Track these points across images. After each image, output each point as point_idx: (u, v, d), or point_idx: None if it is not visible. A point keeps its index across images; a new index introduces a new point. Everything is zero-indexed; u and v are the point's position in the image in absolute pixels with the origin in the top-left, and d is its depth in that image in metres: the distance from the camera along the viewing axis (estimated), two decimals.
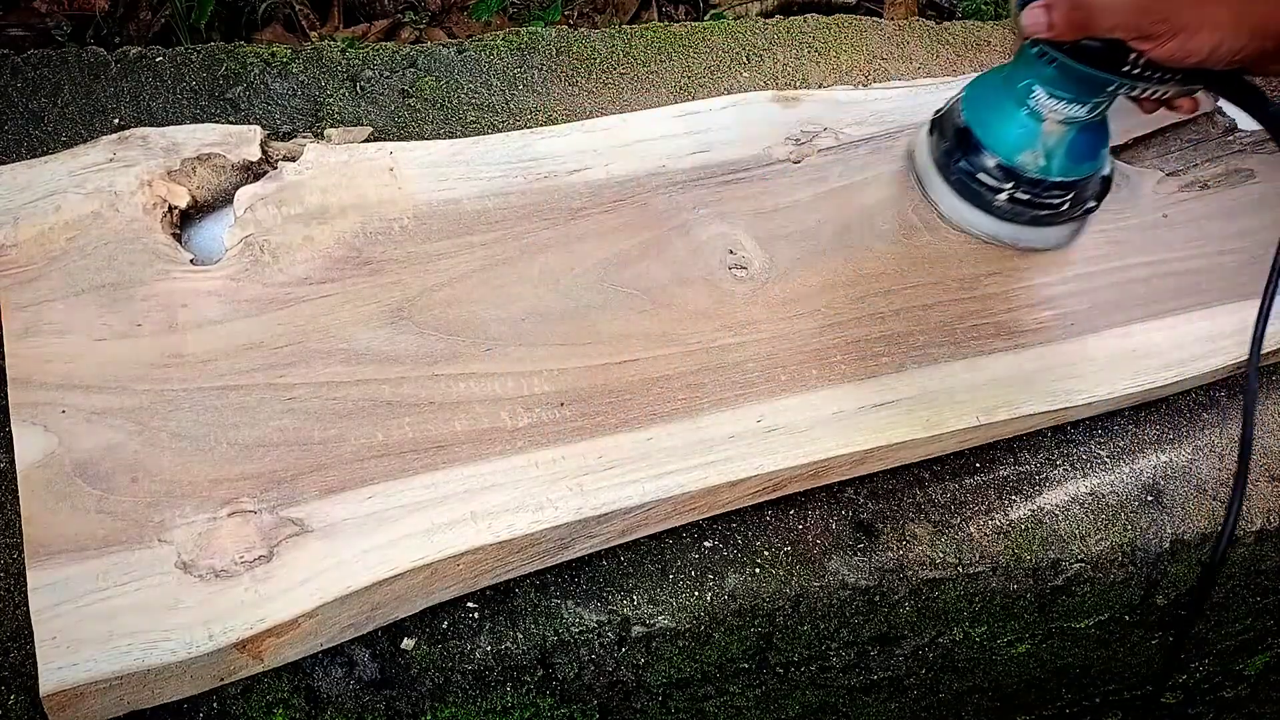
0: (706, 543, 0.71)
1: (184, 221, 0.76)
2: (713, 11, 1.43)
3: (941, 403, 0.73)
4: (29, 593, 0.58)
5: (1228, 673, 0.96)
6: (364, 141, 0.83)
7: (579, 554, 0.68)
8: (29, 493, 0.62)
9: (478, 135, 0.84)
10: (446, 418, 0.68)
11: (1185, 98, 0.76)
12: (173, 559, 0.60)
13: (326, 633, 0.62)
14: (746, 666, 0.75)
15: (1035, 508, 0.77)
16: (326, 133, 0.84)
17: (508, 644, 0.67)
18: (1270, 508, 0.80)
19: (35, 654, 0.57)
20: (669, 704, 0.76)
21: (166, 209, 0.74)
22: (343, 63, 0.92)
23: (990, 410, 0.74)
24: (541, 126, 0.86)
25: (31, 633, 0.57)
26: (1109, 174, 0.83)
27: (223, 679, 0.61)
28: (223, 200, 0.77)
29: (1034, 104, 0.78)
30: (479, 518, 0.64)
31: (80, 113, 0.85)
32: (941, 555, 0.74)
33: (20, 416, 0.64)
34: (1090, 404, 0.77)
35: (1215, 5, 0.68)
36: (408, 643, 0.65)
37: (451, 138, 0.87)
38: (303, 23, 1.35)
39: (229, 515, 0.62)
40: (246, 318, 0.70)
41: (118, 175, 0.74)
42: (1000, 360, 0.76)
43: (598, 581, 0.69)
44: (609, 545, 0.69)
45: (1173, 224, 0.87)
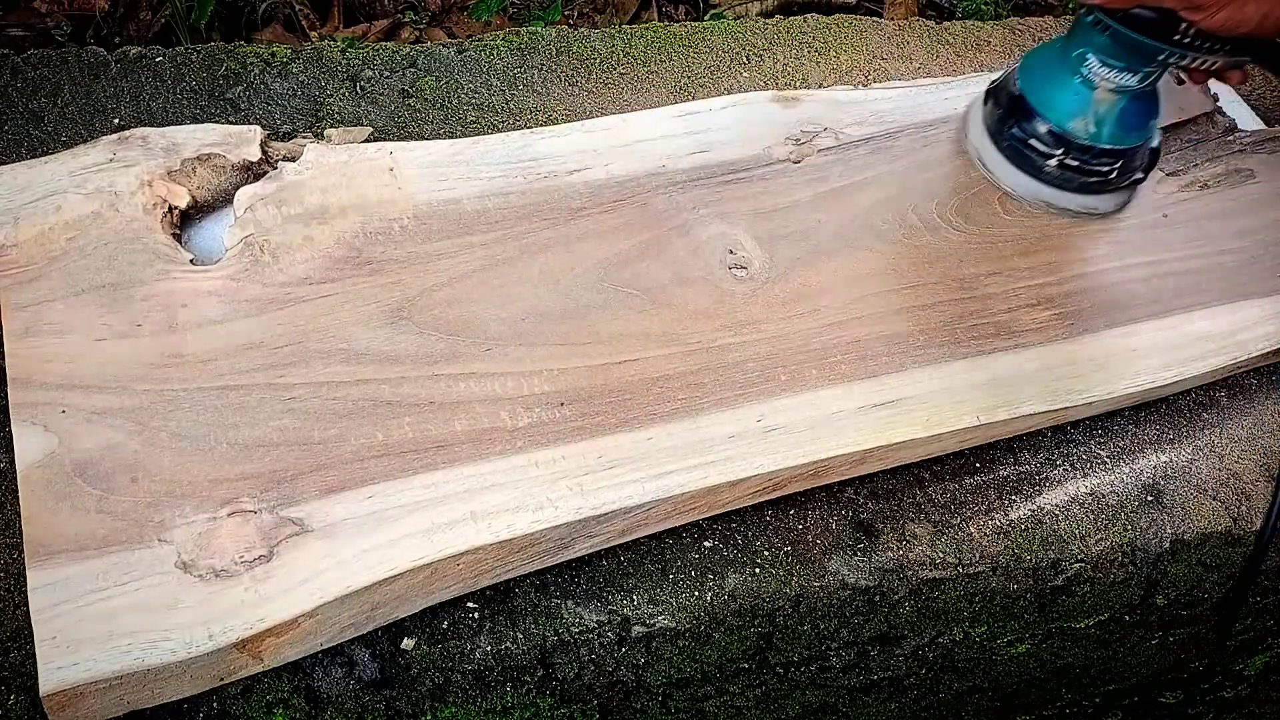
0: (706, 543, 0.71)
1: (184, 221, 0.76)
2: (713, 11, 1.42)
3: (941, 402, 0.73)
4: (29, 593, 0.58)
5: (1228, 672, 0.96)
6: (364, 141, 0.83)
7: (579, 554, 0.68)
8: (29, 493, 0.62)
9: (478, 135, 0.84)
10: (446, 418, 0.68)
11: (1234, 70, 0.77)
12: (173, 559, 0.60)
13: (326, 633, 0.62)
14: (746, 666, 0.75)
15: (1035, 508, 0.77)
16: (326, 133, 0.84)
17: (508, 644, 0.67)
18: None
19: (35, 654, 0.57)
20: (669, 704, 0.76)
21: (166, 209, 0.74)
22: (343, 63, 0.92)
23: (990, 410, 0.74)
24: (541, 126, 0.86)
25: (31, 633, 0.57)
26: (1157, 146, 0.85)
27: (223, 679, 0.61)
28: (223, 200, 0.77)
29: (1087, 71, 0.80)
30: (479, 517, 0.64)
31: (80, 113, 0.85)
32: (941, 555, 0.74)
33: (20, 416, 0.64)
34: (1090, 404, 0.77)
35: None
36: (408, 643, 0.65)
37: (451, 138, 0.87)
38: (303, 23, 1.35)
39: (229, 515, 0.62)
40: (246, 318, 0.70)
41: (118, 175, 0.74)
42: (1000, 360, 0.76)
43: (598, 581, 0.69)
44: (609, 545, 0.69)
45: (1173, 224, 0.87)
